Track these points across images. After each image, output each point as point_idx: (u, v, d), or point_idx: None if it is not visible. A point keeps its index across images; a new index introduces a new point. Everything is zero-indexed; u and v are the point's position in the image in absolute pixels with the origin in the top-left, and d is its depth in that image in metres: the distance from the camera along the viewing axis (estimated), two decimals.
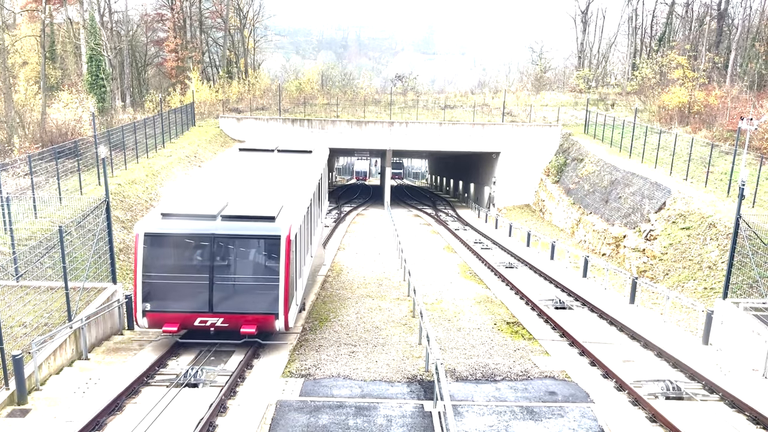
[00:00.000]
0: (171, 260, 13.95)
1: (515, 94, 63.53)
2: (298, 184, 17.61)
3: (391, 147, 48.63)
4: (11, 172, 25.33)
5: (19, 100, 38.23)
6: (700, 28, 61.65)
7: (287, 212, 14.63)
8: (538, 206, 46.16)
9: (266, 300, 13.79)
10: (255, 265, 14.13)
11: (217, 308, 13.74)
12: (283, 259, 13.67)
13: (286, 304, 13.85)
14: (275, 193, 16.20)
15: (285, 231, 13.76)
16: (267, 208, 14.49)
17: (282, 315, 13.84)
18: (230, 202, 14.82)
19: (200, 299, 13.70)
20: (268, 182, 17.55)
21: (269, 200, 15.20)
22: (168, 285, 13.81)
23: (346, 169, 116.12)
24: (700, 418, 11.95)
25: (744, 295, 19.00)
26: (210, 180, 17.90)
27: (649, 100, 51.41)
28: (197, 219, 13.96)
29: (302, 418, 11.37)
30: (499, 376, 13.94)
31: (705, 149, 32.15)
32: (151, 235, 13.75)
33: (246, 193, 16.02)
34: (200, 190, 16.70)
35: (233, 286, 13.85)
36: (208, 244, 13.72)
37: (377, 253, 30.24)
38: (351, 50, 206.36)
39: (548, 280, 25.05)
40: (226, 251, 13.86)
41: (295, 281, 14.69)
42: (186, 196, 16.00)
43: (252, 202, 14.96)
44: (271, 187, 16.89)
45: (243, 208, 14.41)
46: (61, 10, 54.17)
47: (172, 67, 62.37)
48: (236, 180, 17.61)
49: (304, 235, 16.43)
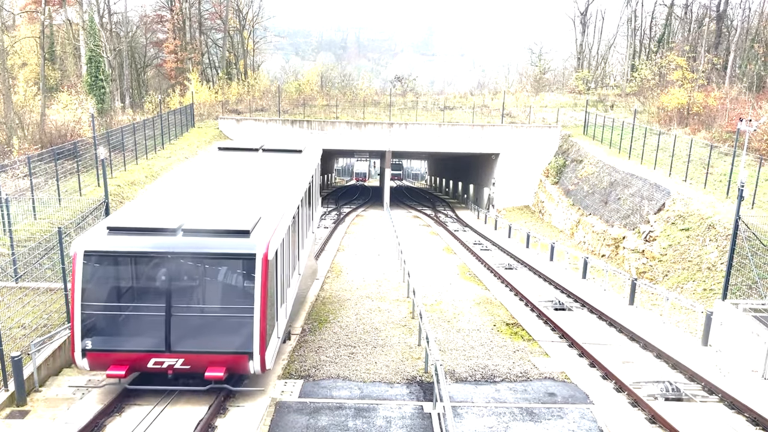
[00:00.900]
0: (118, 286, 11.33)
1: (514, 95, 63.58)
2: (283, 189, 15.06)
3: (390, 148, 48.65)
4: (10, 173, 25.33)
5: (19, 102, 38.22)
6: (699, 30, 61.73)
7: (267, 224, 12.03)
8: (537, 207, 46.17)
9: (238, 336, 11.08)
10: (224, 292, 11.45)
11: (176, 346, 11.01)
12: (260, 284, 10.96)
13: (263, 340, 11.10)
14: (254, 200, 13.75)
15: (262, 248, 11.08)
16: (241, 219, 11.85)
17: (257, 354, 11.06)
18: (197, 213, 12.24)
19: (155, 335, 10.98)
20: (247, 187, 15.04)
21: (245, 210, 12.67)
22: (114, 317, 11.14)
23: (346, 170, 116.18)
24: (699, 419, 11.95)
25: (743, 296, 19.02)
26: (178, 185, 15.09)
27: (649, 102, 51.47)
28: (153, 234, 11.23)
29: (302, 420, 11.36)
30: (498, 378, 13.93)
31: (704, 150, 32.17)
32: (93, 254, 11.03)
33: (218, 200, 13.59)
34: (164, 197, 14.02)
35: (197, 319, 11.14)
36: (166, 265, 10.97)
37: (377, 254, 30.24)
38: (350, 51, 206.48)
39: (548, 282, 25.05)
40: (188, 274, 11.14)
41: (275, 310, 12.23)
42: (144, 205, 13.29)
43: (223, 213, 12.48)
44: (249, 194, 14.35)
45: (211, 220, 11.75)
46: (60, 11, 54.19)
47: (172, 69, 62.42)
48: (209, 185, 15.05)
49: (289, 250, 13.93)
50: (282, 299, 13.15)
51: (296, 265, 15.98)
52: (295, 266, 15.62)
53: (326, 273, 25.24)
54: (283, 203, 13.86)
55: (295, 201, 14.80)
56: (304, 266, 17.57)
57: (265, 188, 15.00)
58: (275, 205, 13.46)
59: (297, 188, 15.72)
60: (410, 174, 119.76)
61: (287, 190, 15.09)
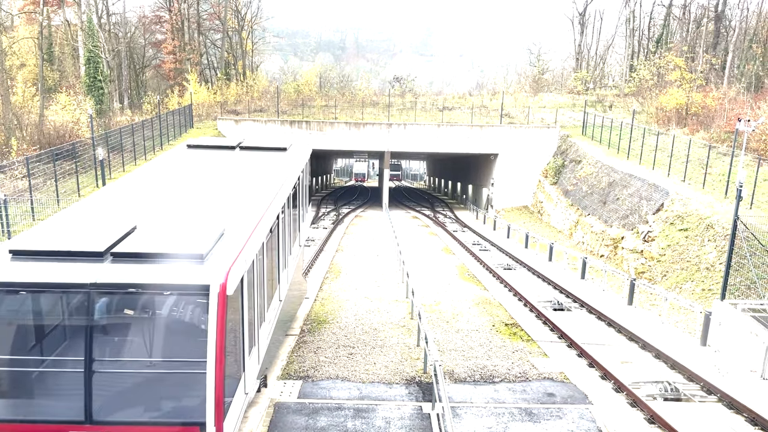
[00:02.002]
0: (21, 331, 8.25)
1: (513, 95, 63.64)
2: (259, 196, 11.85)
3: (389, 149, 48.67)
4: (9, 174, 25.31)
5: (17, 102, 38.21)
6: (697, 30, 61.84)
7: (230, 244, 8.93)
8: (536, 208, 46.21)
9: (185, 400, 8.02)
10: (166, 339, 8.33)
11: (99, 415, 7.77)
12: (215, 327, 7.80)
13: (220, 404, 7.87)
14: (219, 211, 10.54)
15: (219, 277, 7.95)
16: (194, 238, 8.65)
17: (212, 425, 7.80)
18: (136, 230, 8.97)
19: (71, 400, 7.78)
20: (213, 194, 11.69)
21: (204, 224, 9.51)
22: (14, 376, 8.00)
23: (345, 171, 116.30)
24: (698, 419, 11.96)
25: (742, 296, 19.04)
26: (126, 193, 11.59)
27: (647, 102, 51.54)
28: (70, 259, 8.02)
29: (301, 420, 11.36)
30: (497, 378, 13.94)
31: (703, 151, 32.21)
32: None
33: (172, 212, 10.40)
34: (101, 208, 10.58)
35: (129, 377, 8.05)
36: (86, 301, 7.84)
37: (375, 255, 30.23)
38: (349, 52, 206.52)
39: (546, 282, 25.06)
40: (116, 315, 8.25)
41: (241, 358, 9.35)
42: (71, 219, 9.90)
43: (173, 229, 9.23)
44: (215, 202, 11.12)
45: (152, 240, 8.58)
46: (58, 12, 54.18)
47: (170, 69, 62.43)
48: (166, 191, 11.67)
49: (263, 274, 11.01)
50: (252, 341, 10.04)
51: (275, 291, 12.75)
52: (273, 293, 12.45)
53: (325, 274, 25.23)
54: (256, 213, 10.81)
55: (274, 210, 11.89)
56: (286, 290, 14.23)
57: (236, 194, 11.87)
58: (246, 217, 10.47)
59: (278, 193, 12.63)
60: (409, 174, 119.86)
61: (264, 197, 11.94)
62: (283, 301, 13.78)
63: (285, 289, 14.12)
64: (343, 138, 48.11)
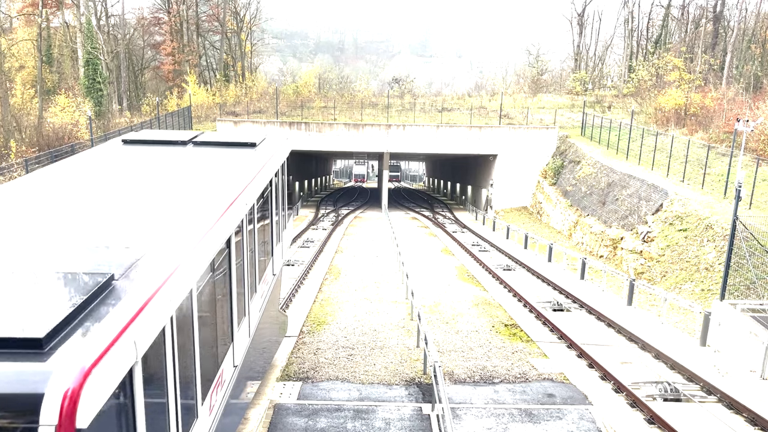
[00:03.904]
0: None
1: (512, 96, 63.69)
2: (202, 211, 7.67)
3: (388, 150, 48.67)
4: (8, 176, 25.28)
5: (16, 104, 38.19)
6: (696, 31, 61.92)
7: (115, 307, 4.58)
8: (535, 208, 46.22)
9: None
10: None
11: None
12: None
13: None
14: (118, 242, 6.08)
15: (67, 380, 3.60)
16: (42, 302, 4.56)
17: None
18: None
19: None
20: (124, 213, 7.25)
21: (73, 272, 5.09)
22: None
23: (344, 172, 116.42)
24: (698, 419, 11.96)
25: (741, 296, 19.04)
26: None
27: (646, 103, 51.59)
28: None
29: (300, 422, 11.34)
30: (497, 379, 13.93)
31: (701, 151, 32.24)
32: None
33: (34, 248, 5.66)
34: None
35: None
36: None
37: (375, 256, 30.22)
38: (348, 53, 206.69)
39: (546, 282, 25.06)
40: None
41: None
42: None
43: (19, 280, 4.84)
44: (120, 227, 6.72)
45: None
46: (57, 14, 54.16)
47: (169, 71, 62.45)
48: (49, 210, 7.16)
49: (192, 342, 6.56)
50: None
51: (221, 367, 8.00)
52: (216, 370, 7.75)
53: (324, 275, 25.23)
54: (192, 238, 6.75)
55: (224, 229, 7.82)
56: (243, 353, 9.36)
57: (163, 211, 7.56)
58: (170, 246, 6.24)
59: (235, 205, 8.60)
60: (408, 176, 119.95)
61: (211, 212, 7.78)
62: (239, 366, 9.06)
63: (242, 350, 9.39)
64: (342, 139, 48.11)
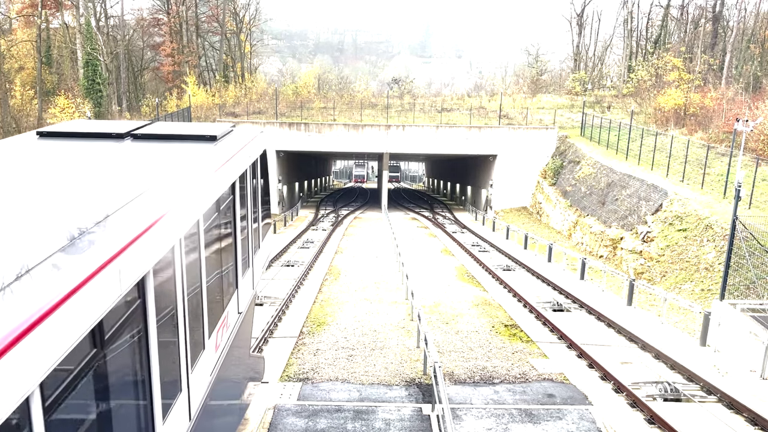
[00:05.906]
0: None
1: (512, 96, 63.71)
2: (126, 230, 4.37)
3: (388, 150, 48.67)
4: None
5: (16, 105, 38.19)
6: (695, 31, 61.94)
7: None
8: (535, 209, 46.22)
9: None
10: None
11: None
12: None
13: None
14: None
15: None
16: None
17: None
18: None
19: None
20: (12, 233, 3.79)
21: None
22: None
23: (344, 173, 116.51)
24: (698, 419, 11.95)
25: (741, 296, 19.04)
26: None
27: (645, 103, 51.62)
28: None
29: (300, 423, 11.34)
30: (497, 379, 13.92)
31: (701, 151, 32.25)
32: None
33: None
34: None
35: None
36: None
37: (375, 257, 30.22)
38: (347, 54, 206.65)
39: (546, 283, 25.05)
40: None
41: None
42: None
43: None
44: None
45: None
46: (57, 15, 54.16)
47: (169, 72, 62.43)
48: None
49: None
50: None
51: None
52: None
53: (324, 275, 25.22)
54: (103, 272, 3.78)
55: (132, 268, 4.32)
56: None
57: (72, 229, 4.10)
58: (62, 283, 3.33)
59: (161, 227, 5.12)
60: (408, 176, 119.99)
61: (114, 242, 4.18)
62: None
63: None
64: (341, 140, 48.11)
